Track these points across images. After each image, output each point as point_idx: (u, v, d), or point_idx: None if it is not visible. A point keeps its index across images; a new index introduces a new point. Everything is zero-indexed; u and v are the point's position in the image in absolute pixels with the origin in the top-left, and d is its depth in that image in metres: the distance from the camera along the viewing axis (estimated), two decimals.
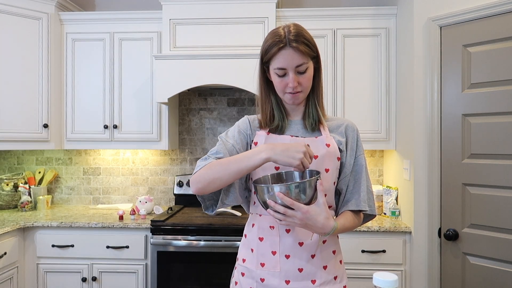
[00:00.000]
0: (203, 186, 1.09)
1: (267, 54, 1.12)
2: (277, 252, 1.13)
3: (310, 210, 0.99)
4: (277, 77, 1.13)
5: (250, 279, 1.16)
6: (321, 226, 1.01)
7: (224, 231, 2.23)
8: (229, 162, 1.06)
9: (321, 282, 1.13)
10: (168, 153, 2.94)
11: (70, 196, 2.98)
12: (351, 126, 1.23)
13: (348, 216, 1.15)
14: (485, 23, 1.87)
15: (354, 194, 1.18)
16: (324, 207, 1.01)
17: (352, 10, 2.49)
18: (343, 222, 1.10)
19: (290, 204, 0.97)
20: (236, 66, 2.35)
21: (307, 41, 1.10)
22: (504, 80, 1.80)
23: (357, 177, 1.19)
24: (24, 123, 2.50)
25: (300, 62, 1.09)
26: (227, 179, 1.06)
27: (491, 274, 1.84)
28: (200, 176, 1.09)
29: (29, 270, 2.34)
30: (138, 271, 2.30)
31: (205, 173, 1.09)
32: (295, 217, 0.99)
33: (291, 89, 1.12)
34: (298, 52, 1.08)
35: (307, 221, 0.99)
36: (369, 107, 2.50)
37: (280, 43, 1.08)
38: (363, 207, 1.16)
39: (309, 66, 1.12)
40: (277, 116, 1.20)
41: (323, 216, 1.01)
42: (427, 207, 2.08)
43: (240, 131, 1.23)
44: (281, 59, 1.09)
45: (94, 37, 2.63)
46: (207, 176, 1.08)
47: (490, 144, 1.84)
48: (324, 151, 1.14)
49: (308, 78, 1.13)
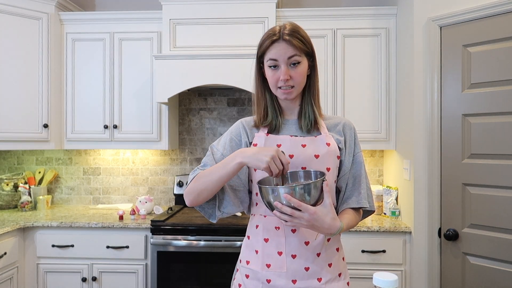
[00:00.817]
0: (194, 198, 1.14)
1: (261, 47, 1.15)
2: (283, 252, 1.13)
3: (318, 211, 1.00)
4: (270, 71, 1.14)
5: (256, 281, 1.16)
6: (328, 227, 1.02)
7: (224, 231, 2.23)
8: (211, 172, 1.11)
9: (326, 279, 1.14)
10: (168, 153, 2.94)
11: (70, 196, 2.98)
12: (348, 125, 1.24)
13: (350, 214, 1.17)
14: (485, 23, 1.87)
15: (354, 191, 1.20)
16: (330, 208, 1.03)
17: (352, 10, 2.49)
18: (347, 222, 1.12)
19: (297, 205, 0.98)
20: (236, 66, 2.35)
21: (301, 37, 1.12)
22: (504, 80, 1.80)
23: (357, 174, 1.21)
24: (24, 123, 2.50)
25: (292, 54, 1.10)
26: (212, 188, 1.11)
27: (491, 274, 1.84)
28: (190, 189, 1.15)
29: (29, 270, 2.34)
30: (138, 271, 2.30)
31: (193, 185, 1.14)
32: (302, 219, 0.99)
33: (283, 82, 1.13)
34: (291, 45, 1.10)
35: (314, 222, 1.00)
36: (369, 107, 2.50)
37: (273, 36, 1.12)
38: (364, 204, 1.18)
39: (302, 61, 1.13)
40: (270, 114, 1.20)
41: (330, 216, 1.02)
42: (427, 207, 2.08)
43: (232, 138, 1.23)
44: (273, 51, 1.12)
45: (94, 37, 2.63)
46: (195, 188, 1.13)
47: (490, 144, 1.84)
48: (325, 150, 1.15)
49: (300, 73, 1.13)
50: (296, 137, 1.18)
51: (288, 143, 1.16)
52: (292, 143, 1.16)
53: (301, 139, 1.17)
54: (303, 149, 1.15)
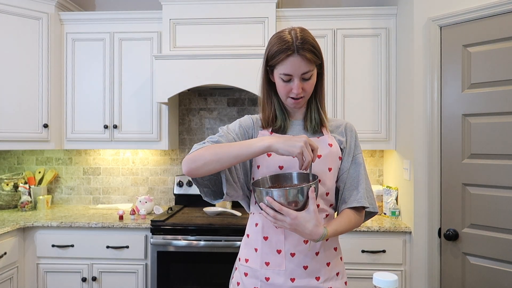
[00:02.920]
0: (197, 166, 1.05)
1: (274, 59, 1.12)
2: (282, 250, 1.14)
3: (299, 217, 1.01)
4: (282, 82, 1.14)
5: (254, 279, 1.17)
6: (309, 233, 1.02)
7: (224, 231, 2.23)
8: (230, 146, 1.05)
9: (324, 278, 1.15)
10: (168, 153, 2.94)
11: (70, 196, 2.98)
12: (349, 126, 1.26)
13: (345, 217, 1.15)
14: (485, 23, 1.87)
15: (352, 190, 1.19)
16: (314, 215, 1.02)
17: (352, 10, 2.49)
18: (336, 227, 1.10)
19: (278, 209, 1.01)
20: (236, 66, 2.35)
21: (314, 48, 1.10)
22: (504, 80, 1.80)
23: (355, 174, 1.21)
24: (24, 123, 2.49)
25: (306, 70, 1.10)
26: (224, 162, 1.04)
27: (491, 274, 1.84)
28: (196, 156, 1.06)
29: (29, 270, 2.34)
30: (138, 271, 2.30)
31: (202, 153, 1.06)
32: (284, 222, 1.02)
33: (295, 94, 1.13)
34: (305, 60, 1.09)
35: (295, 226, 1.02)
36: (369, 107, 2.50)
37: (288, 50, 1.08)
38: (364, 203, 1.17)
39: (313, 73, 1.13)
40: (279, 117, 1.21)
41: (312, 223, 1.02)
42: (427, 207, 2.08)
43: (241, 125, 1.23)
44: (288, 66, 1.09)
45: (94, 37, 2.63)
46: (203, 156, 1.05)
47: (490, 144, 1.84)
48: (327, 150, 1.17)
49: (311, 84, 1.15)
50: None
51: None
52: None
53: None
54: None
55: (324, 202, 1.18)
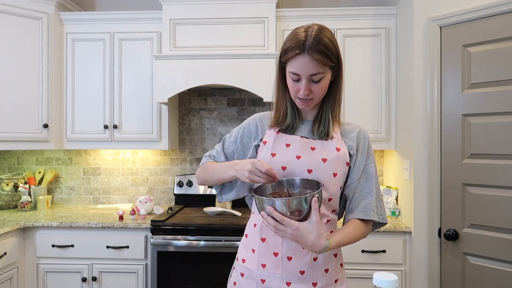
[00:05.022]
0: (201, 182, 1.30)
1: (285, 55, 1.08)
2: (279, 253, 1.12)
3: (301, 228, 0.98)
4: (291, 81, 1.11)
5: (250, 280, 1.16)
6: (311, 245, 0.99)
7: (224, 231, 2.23)
8: (214, 170, 1.22)
9: (322, 285, 1.12)
10: (168, 153, 2.94)
11: (70, 196, 2.98)
12: (363, 134, 1.21)
13: (351, 228, 1.12)
14: (485, 23, 1.87)
15: (361, 201, 1.15)
16: (316, 226, 0.99)
17: (352, 10, 2.49)
18: (339, 239, 1.06)
19: (279, 219, 0.98)
20: (236, 66, 2.35)
21: (327, 49, 1.04)
22: (504, 80, 1.80)
23: (366, 185, 1.16)
24: (24, 123, 2.49)
25: (315, 72, 1.05)
26: (213, 183, 1.25)
27: (491, 274, 1.84)
28: (198, 174, 1.30)
29: (29, 270, 2.34)
30: (138, 271, 2.30)
31: (200, 173, 1.29)
32: (285, 232, 0.99)
33: (302, 96, 1.10)
34: (314, 61, 1.03)
35: (297, 237, 0.99)
36: (369, 107, 2.50)
37: (297, 49, 1.04)
38: (371, 217, 1.13)
39: (324, 76, 1.08)
40: (290, 115, 1.19)
41: (314, 235, 0.99)
42: (427, 207, 2.08)
43: (243, 136, 1.26)
44: (296, 65, 1.06)
45: (94, 37, 2.63)
46: (202, 176, 1.28)
47: (490, 144, 1.84)
48: (333, 155, 1.13)
49: (321, 87, 1.09)
50: (306, 139, 1.16)
51: (298, 144, 1.15)
52: (301, 144, 1.15)
53: (311, 142, 1.16)
54: (312, 152, 1.13)
55: (326, 207, 1.14)
